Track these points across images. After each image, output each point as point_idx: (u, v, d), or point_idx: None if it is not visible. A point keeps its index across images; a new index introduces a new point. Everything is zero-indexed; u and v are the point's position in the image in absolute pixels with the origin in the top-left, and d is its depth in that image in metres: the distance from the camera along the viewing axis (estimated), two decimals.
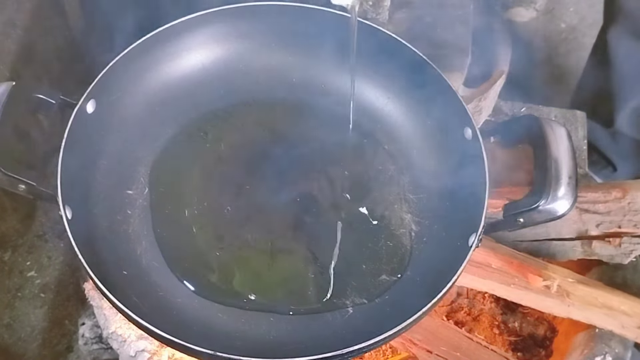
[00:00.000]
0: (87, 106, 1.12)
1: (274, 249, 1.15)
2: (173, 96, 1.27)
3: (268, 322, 1.07)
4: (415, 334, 1.28)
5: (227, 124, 1.28)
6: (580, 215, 1.33)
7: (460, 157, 1.17)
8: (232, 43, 1.30)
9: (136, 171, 1.20)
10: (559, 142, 1.07)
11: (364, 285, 1.12)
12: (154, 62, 1.24)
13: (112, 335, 1.26)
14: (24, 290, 1.65)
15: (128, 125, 1.20)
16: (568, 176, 1.04)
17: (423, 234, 1.18)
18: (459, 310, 1.54)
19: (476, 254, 1.22)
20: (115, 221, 1.14)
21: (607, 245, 1.34)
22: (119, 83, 1.18)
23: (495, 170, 1.15)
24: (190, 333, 1.00)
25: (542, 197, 1.03)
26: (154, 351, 1.25)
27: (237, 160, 1.24)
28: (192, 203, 1.19)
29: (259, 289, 1.11)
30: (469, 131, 1.15)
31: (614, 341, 1.32)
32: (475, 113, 1.39)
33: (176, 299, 1.08)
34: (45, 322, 1.61)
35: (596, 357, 1.32)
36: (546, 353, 1.47)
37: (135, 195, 1.18)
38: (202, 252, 1.14)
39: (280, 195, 1.20)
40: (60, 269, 1.68)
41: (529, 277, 1.31)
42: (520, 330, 1.52)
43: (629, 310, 1.28)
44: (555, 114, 1.82)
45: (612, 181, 1.39)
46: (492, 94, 1.48)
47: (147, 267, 1.11)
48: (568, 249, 1.37)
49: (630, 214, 1.30)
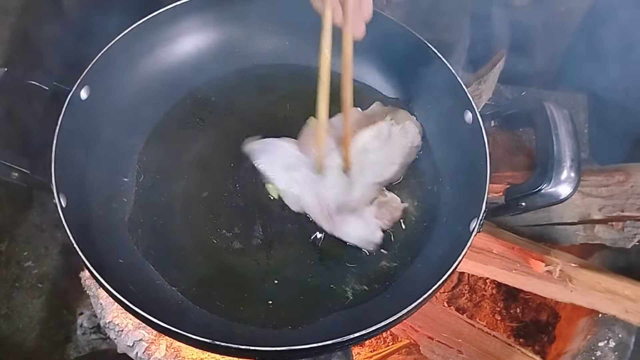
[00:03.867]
0: (81, 92, 1.10)
1: (272, 236, 1.13)
2: (168, 82, 1.25)
3: (267, 310, 1.06)
4: (417, 321, 1.27)
5: (223, 110, 1.27)
6: (582, 199, 1.32)
7: (460, 141, 1.16)
8: (228, 27, 1.29)
9: (131, 158, 1.19)
10: (561, 125, 1.05)
11: (364, 271, 1.11)
12: (148, 48, 1.23)
13: (109, 324, 1.25)
14: (21, 281, 1.64)
15: (123, 112, 1.19)
16: (570, 159, 1.03)
17: (423, 219, 1.16)
18: (460, 297, 1.53)
19: (477, 239, 1.21)
20: (111, 209, 1.13)
21: (610, 229, 1.33)
22: (113, 69, 1.17)
23: (496, 154, 1.14)
24: (187, 321, 0.99)
25: (544, 181, 1.02)
26: (151, 340, 1.24)
27: (235, 146, 1.22)
28: (188, 190, 1.17)
29: (256, 277, 1.10)
30: (469, 115, 1.14)
31: (618, 326, 1.32)
32: (475, 97, 1.38)
33: (173, 287, 1.07)
34: (43, 312, 1.61)
35: (599, 342, 1.31)
36: (549, 339, 1.47)
37: (131, 183, 1.16)
38: (199, 240, 1.13)
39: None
40: (58, 258, 1.68)
41: (531, 262, 1.30)
42: (522, 316, 1.51)
43: (633, 295, 1.27)
44: (556, 97, 1.81)
45: (615, 164, 1.38)
46: (492, 78, 1.46)
47: (144, 256, 1.09)
48: (570, 233, 1.36)
49: (634, 198, 1.29)
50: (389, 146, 1.18)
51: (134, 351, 1.25)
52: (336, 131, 1.15)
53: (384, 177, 1.17)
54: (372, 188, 1.15)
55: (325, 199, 1.13)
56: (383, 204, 1.14)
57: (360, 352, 1.40)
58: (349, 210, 1.12)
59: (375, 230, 1.12)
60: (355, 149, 1.15)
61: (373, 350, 1.41)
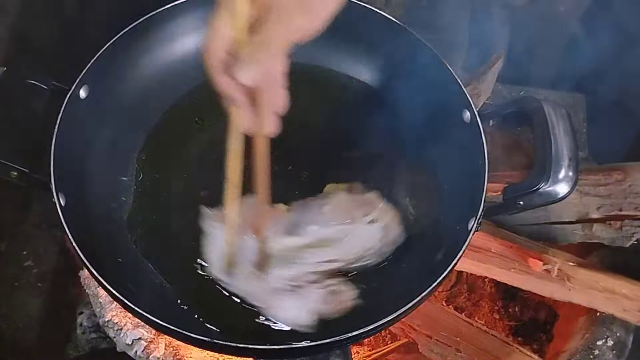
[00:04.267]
0: (80, 92, 1.10)
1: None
2: (167, 81, 1.25)
3: None
4: (415, 320, 1.28)
5: (222, 109, 1.26)
6: (580, 198, 1.32)
7: (458, 140, 1.16)
8: None
9: (130, 157, 1.19)
10: (559, 124, 1.06)
11: (362, 270, 1.10)
12: (147, 47, 1.22)
13: (108, 323, 1.26)
14: (21, 280, 1.64)
15: (121, 111, 1.19)
16: (568, 158, 1.03)
17: (421, 218, 1.16)
18: (458, 296, 1.53)
19: (476, 238, 1.21)
20: (110, 208, 1.13)
21: (608, 228, 1.33)
22: (112, 68, 1.17)
23: (495, 154, 1.14)
24: (187, 320, 0.99)
25: (542, 180, 1.02)
26: (150, 339, 1.25)
27: None
28: (188, 190, 1.17)
29: None
30: (468, 114, 1.14)
31: (616, 325, 1.32)
32: (473, 96, 1.38)
33: (172, 285, 1.07)
34: (43, 311, 1.60)
35: (598, 341, 1.31)
36: (547, 337, 1.47)
37: (130, 182, 1.16)
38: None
39: (276, 178, 1.19)
40: (57, 258, 1.67)
41: (529, 261, 1.31)
42: (521, 315, 1.51)
43: (631, 294, 1.27)
44: (554, 97, 1.81)
45: (613, 163, 1.38)
46: (491, 77, 1.47)
47: (143, 255, 1.10)
48: (568, 232, 1.37)
49: (632, 197, 1.29)
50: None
51: (133, 350, 1.25)
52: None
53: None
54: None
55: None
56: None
57: (359, 350, 1.40)
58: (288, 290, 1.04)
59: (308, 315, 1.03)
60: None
61: (372, 349, 1.41)
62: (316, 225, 1.09)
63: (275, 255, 1.05)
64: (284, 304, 1.03)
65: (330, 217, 1.10)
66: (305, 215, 1.10)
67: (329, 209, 1.11)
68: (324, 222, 1.10)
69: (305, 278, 1.05)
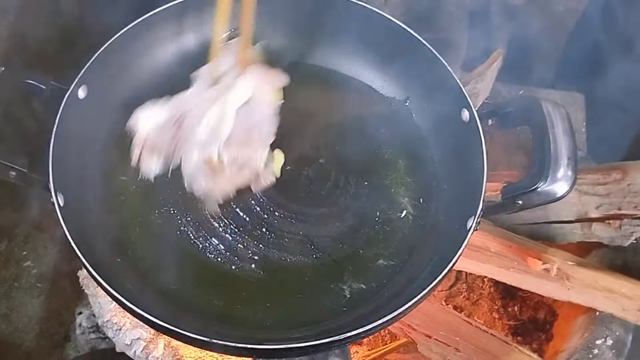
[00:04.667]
0: (78, 92, 1.10)
1: (269, 236, 1.13)
2: (166, 81, 1.25)
3: (264, 309, 1.06)
4: (414, 319, 1.28)
5: None
6: (579, 197, 1.32)
7: (457, 140, 1.16)
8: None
9: (129, 157, 1.18)
10: (558, 123, 1.06)
11: (361, 270, 1.11)
12: (145, 47, 1.22)
13: (107, 323, 1.26)
14: (20, 280, 1.64)
15: (120, 111, 1.19)
16: (567, 157, 1.03)
17: (420, 217, 1.16)
18: (457, 295, 1.53)
19: (474, 237, 1.21)
20: (109, 208, 1.13)
21: (607, 228, 1.33)
22: (110, 68, 1.17)
23: (493, 153, 1.14)
24: (185, 320, 0.99)
25: (541, 179, 1.02)
26: (149, 339, 1.25)
27: None
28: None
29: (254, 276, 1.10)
30: (467, 113, 1.14)
31: (615, 324, 1.32)
32: (472, 95, 1.38)
33: (171, 286, 1.07)
34: (42, 312, 1.61)
35: (597, 340, 1.31)
36: (546, 337, 1.47)
37: (129, 182, 1.16)
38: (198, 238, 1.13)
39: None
40: (57, 258, 1.67)
41: (528, 261, 1.31)
42: (520, 315, 1.51)
43: (630, 293, 1.27)
44: (553, 96, 1.81)
45: (612, 162, 1.38)
46: (490, 76, 1.47)
47: (142, 255, 1.09)
48: (567, 231, 1.37)
49: (630, 196, 1.29)
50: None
51: (132, 350, 1.25)
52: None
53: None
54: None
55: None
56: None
57: (358, 350, 1.40)
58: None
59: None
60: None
61: (371, 349, 1.41)
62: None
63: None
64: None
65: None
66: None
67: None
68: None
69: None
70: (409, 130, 1.25)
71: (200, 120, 1.06)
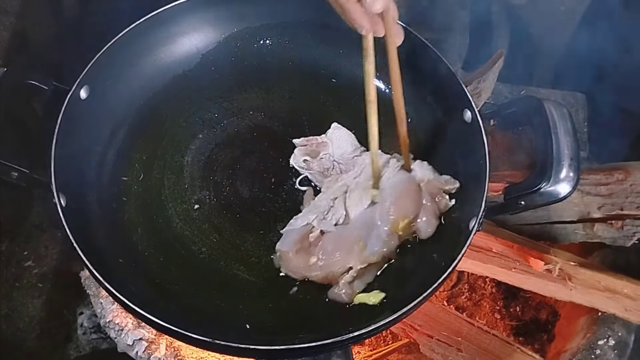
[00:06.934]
0: (80, 92, 1.10)
1: (272, 235, 1.13)
2: (167, 81, 1.26)
3: (267, 309, 1.06)
4: (416, 320, 1.27)
5: (222, 109, 1.27)
6: (582, 198, 1.32)
7: (459, 140, 1.16)
8: (228, 26, 1.29)
9: (131, 157, 1.19)
10: (560, 123, 1.05)
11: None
12: (147, 48, 1.23)
13: (109, 324, 1.26)
14: (21, 281, 1.64)
15: (122, 111, 1.19)
16: (570, 157, 1.03)
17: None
18: (459, 296, 1.53)
19: (477, 238, 1.22)
20: (110, 208, 1.13)
21: (610, 228, 1.33)
22: (112, 69, 1.17)
23: (496, 153, 1.13)
24: (187, 320, 0.99)
25: (544, 179, 1.02)
26: (151, 339, 1.25)
27: (234, 145, 1.23)
28: (188, 189, 1.17)
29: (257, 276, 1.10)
30: (469, 113, 1.14)
31: (617, 325, 1.32)
32: (474, 95, 1.38)
33: (173, 286, 1.07)
34: (44, 312, 1.60)
35: (599, 340, 1.31)
36: (548, 337, 1.47)
37: (131, 182, 1.16)
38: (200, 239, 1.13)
39: (274, 178, 1.20)
40: (58, 258, 1.67)
41: (530, 261, 1.30)
42: (522, 315, 1.51)
43: (632, 293, 1.27)
44: (555, 96, 1.81)
45: (614, 163, 1.38)
46: (491, 76, 1.46)
47: (143, 255, 1.09)
48: (570, 232, 1.37)
49: (633, 196, 1.29)
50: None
51: (134, 350, 1.25)
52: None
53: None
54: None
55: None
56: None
57: (360, 351, 1.40)
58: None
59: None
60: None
61: (373, 349, 1.41)
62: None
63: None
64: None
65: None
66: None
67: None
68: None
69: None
70: (410, 130, 1.25)
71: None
